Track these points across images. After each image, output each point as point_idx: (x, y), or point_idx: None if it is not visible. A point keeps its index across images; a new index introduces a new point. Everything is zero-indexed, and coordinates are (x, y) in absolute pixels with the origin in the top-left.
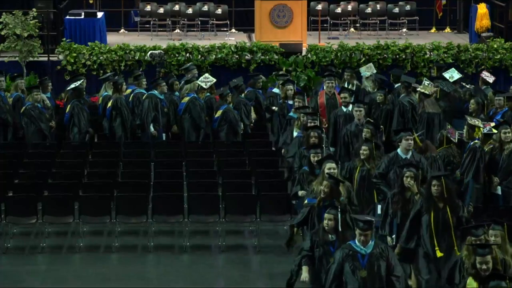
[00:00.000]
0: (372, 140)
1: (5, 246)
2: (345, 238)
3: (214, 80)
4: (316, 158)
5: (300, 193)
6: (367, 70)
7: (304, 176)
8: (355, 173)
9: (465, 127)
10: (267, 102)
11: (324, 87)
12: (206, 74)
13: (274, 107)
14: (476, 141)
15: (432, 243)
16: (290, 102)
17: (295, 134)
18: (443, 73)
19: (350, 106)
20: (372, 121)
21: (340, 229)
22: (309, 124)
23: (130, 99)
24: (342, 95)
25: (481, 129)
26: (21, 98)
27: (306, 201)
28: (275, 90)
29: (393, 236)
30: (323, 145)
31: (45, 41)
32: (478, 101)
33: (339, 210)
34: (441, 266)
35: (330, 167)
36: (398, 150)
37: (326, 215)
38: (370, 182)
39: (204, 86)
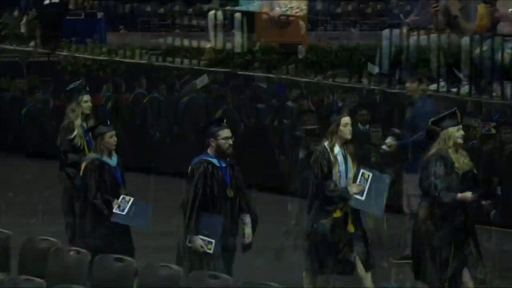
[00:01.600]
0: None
1: None
2: None
3: (208, 80)
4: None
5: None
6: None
7: None
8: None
9: None
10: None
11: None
12: (205, 75)
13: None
14: (474, 141)
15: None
16: None
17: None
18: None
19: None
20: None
21: None
22: (311, 146)
23: (131, 99)
24: (360, 112)
25: (478, 129)
26: (18, 97)
27: None
28: (289, 103)
29: None
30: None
31: (45, 41)
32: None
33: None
34: None
35: None
36: None
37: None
38: None
39: (197, 87)
